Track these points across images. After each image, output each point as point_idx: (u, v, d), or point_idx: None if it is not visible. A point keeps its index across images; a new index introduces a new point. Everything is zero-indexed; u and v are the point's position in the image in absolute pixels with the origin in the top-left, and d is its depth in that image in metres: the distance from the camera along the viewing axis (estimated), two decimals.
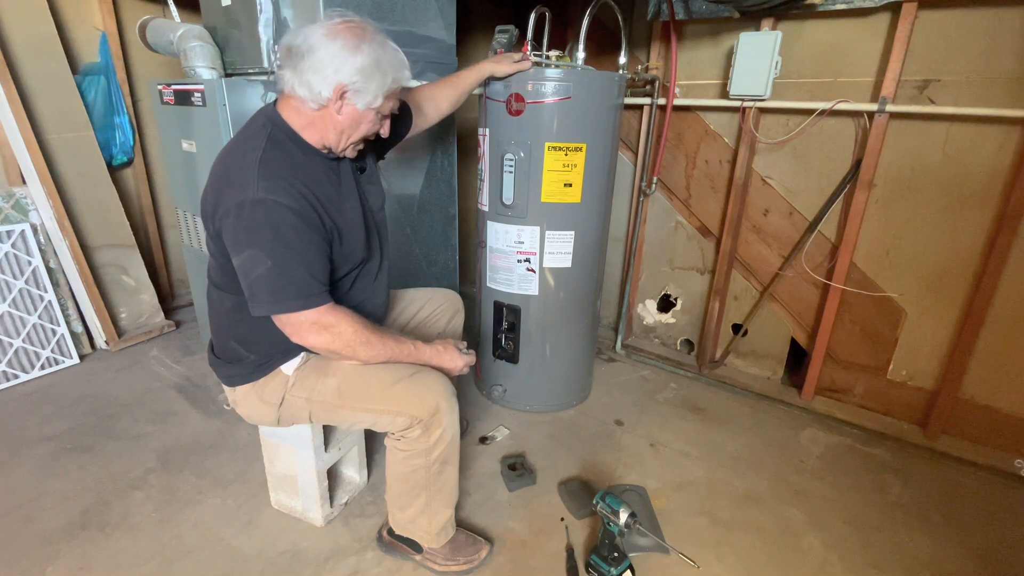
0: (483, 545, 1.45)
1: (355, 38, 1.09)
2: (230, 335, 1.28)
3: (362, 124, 1.17)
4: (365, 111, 1.14)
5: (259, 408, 1.32)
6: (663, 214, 2.54)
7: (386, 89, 1.14)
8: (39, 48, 2.27)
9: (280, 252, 1.06)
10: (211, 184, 1.15)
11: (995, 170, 1.77)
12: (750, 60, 1.98)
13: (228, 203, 1.07)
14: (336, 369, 1.28)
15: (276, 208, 1.06)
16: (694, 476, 1.81)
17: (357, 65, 1.08)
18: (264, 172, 1.07)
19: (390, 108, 1.20)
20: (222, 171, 1.14)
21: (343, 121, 1.15)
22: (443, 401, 1.26)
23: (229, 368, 1.31)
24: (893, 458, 1.94)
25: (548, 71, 1.73)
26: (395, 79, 1.15)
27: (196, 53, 1.92)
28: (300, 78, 1.09)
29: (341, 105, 1.12)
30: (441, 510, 1.38)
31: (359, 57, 1.08)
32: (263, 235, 1.05)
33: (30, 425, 1.95)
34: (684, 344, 2.66)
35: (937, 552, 1.53)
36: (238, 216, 1.06)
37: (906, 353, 2.06)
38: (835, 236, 2.10)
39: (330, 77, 1.08)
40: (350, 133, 1.17)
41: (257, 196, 1.05)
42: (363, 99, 1.12)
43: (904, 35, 1.77)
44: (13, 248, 2.19)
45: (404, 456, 1.31)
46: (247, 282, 1.09)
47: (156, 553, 1.44)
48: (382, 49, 1.12)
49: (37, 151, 2.23)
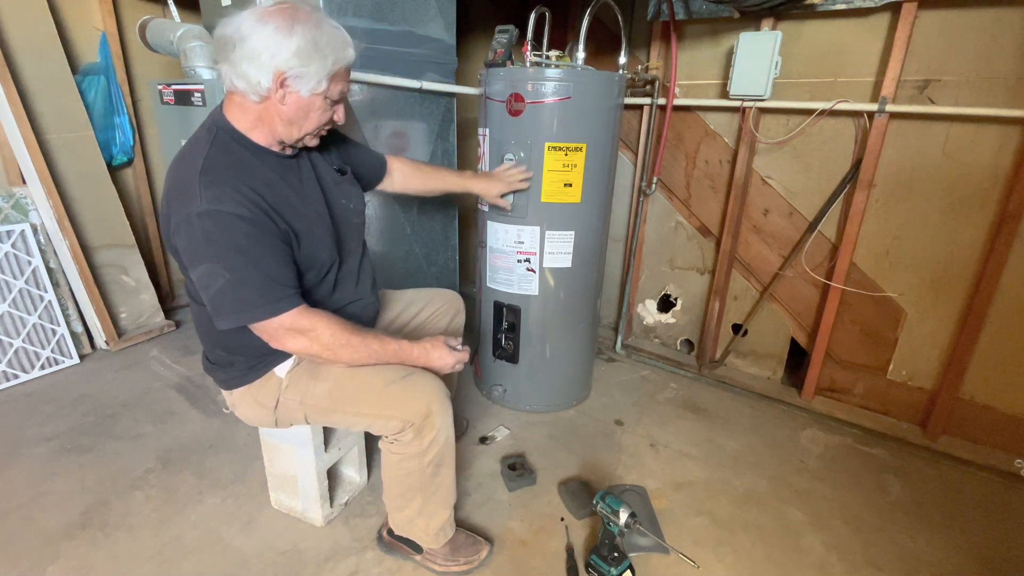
0: (483, 545, 1.45)
1: (287, 20, 1.02)
2: (216, 344, 1.28)
3: (311, 112, 1.10)
4: (311, 97, 1.08)
5: (256, 410, 1.33)
6: (663, 214, 2.54)
7: (328, 70, 1.06)
8: (39, 48, 2.27)
9: (235, 261, 1.02)
10: (163, 198, 1.11)
11: (995, 170, 1.77)
12: (750, 60, 1.98)
13: (177, 218, 1.03)
14: (328, 373, 1.27)
15: (224, 218, 1.01)
16: (694, 476, 1.81)
17: (293, 48, 1.01)
18: (206, 181, 1.02)
19: (339, 92, 1.12)
20: (169, 184, 1.09)
21: (288, 111, 1.08)
22: (435, 404, 1.24)
23: (223, 372, 1.31)
24: (893, 458, 1.94)
25: (548, 71, 1.73)
26: (337, 59, 1.07)
27: (196, 53, 1.92)
28: (236, 69, 1.03)
29: (284, 94, 1.06)
30: (438, 511, 1.38)
31: (294, 39, 1.01)
32: (215, 247, 1.01)
33: (30, 425, 1.95)
34: (684, 344, 2.66)
35: (937, 552, 1.53)
36: (188, 230, 1.01)
37: (906, 353, 2.06)
38: (835, 236, 2.10)
39: (267, 64, 1.01)
40: (300, 123, 1.11)
41: (202, 208, 1.00)
42: (306, 84, 1.05)
43: (904, 35, 1.77)
44: (13, 248, 2.19)
45: (398, 459, 1.31)
46: (208, 296, 1.05)
47: (156, 553, 1.44)
48: (318, 29, 1.04)
49: (37, 151, 2.23)
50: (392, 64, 1.95)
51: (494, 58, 1.83)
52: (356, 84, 1.86)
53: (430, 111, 2.15)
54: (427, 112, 2.14)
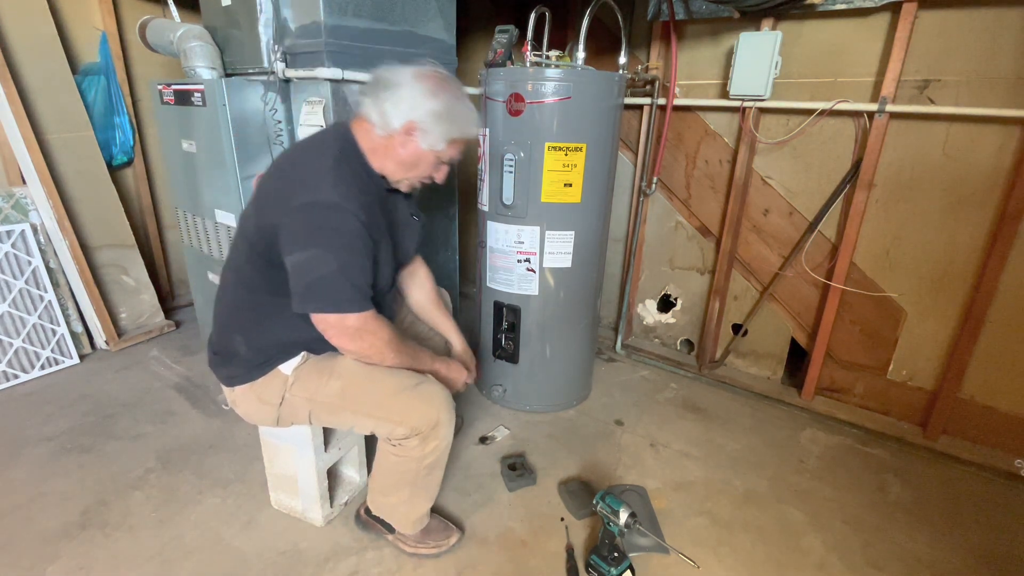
0: (454, 531, 1.49)
1: (436, 85, 1.20)
2: (235, 328, 1.29)
3: (421, 163, 1.25)
4: (427, 151, 1.23)
5: (258, 408, 1.33)
6: (663, 214, 2.54)
7: (450, 136, 1.23)
8: (39, 48, 2.27)
9: (345, 257, 1.12)
10: (274, 179, 1.21)
11: (995, 170, 1.77)
12: (750, 60, 1.98)
13: (296, 201, 1.11)
14: (342, 371, 1.29)
15: (347, 216, 1.12)
16: (694, 476, 1.81)
17: (430, 108, 1.18)
18: (337, 178, 1.14)
19: (450, 156, 1.28)
20: (290, 169, 1.21)
21: (404, 155, 1.23)
22: (443, 414, 1.28)
23: (228, 368, 1.32)
24: (893, 458, 1.94)
25: (548, 71, 1.73)
26: (461, 130, 1.24)
27: (196, 53, 1.92)
28: (378, 106, 1.19)
29: (406, 139, 1.21)
30: (421, 504, 1.43)
31: (435, 102, 1.18)
32: (332, 238, 1.11)
33: (30, 425, 1.95)
34: (684, 344, 2.66)
35: (937, 552, 1.53)
36: (307, 215, 1.11)
37: (906, 353, 2.06)
38: (835, 236, 2.10)
39: (404, 112, 1.18)
40: (409, 169, 1.26)
41: (330, 199, 1.11)
42: (427, 139, 1.21)
43: (904, 35, 1.77)
44: (13, 248, 2.19)
45: (397, 460, 1.34)
46: (304, 279, 1.12)
47: (156, 553, 1.44)
48: (457, 101, 1.22)
49: (37, 151, 2.23)
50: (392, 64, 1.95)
51: (494, 58, 1.84)
52: (356, 84, 1.86)
53: None
54: None
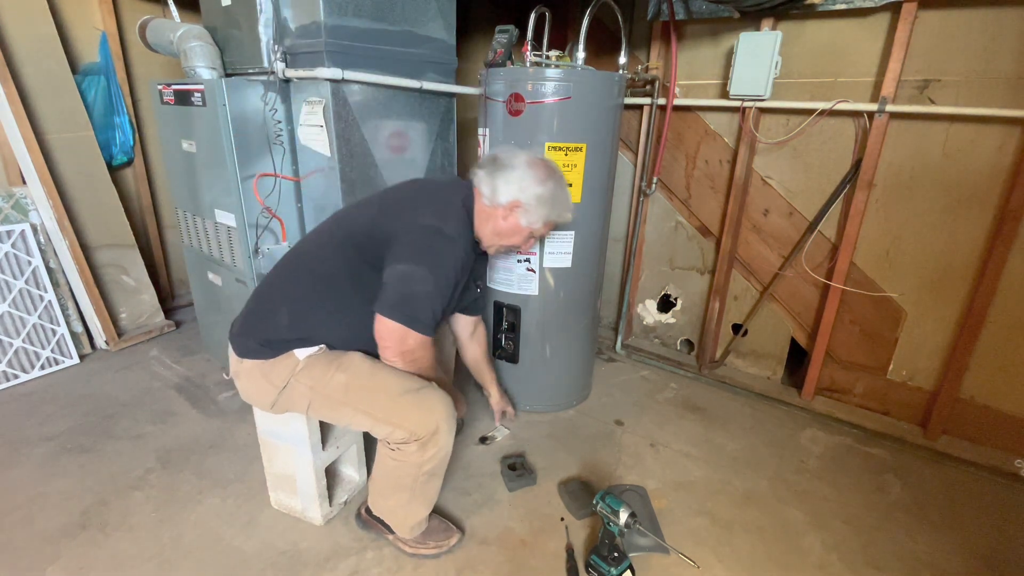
0: (454, 532, 1.49)
1: (546, 174, 1.37)
2: (286, 304, 1.32)
3: (515, 236, 1.41)
4: (524, 227, 1.39)
5: (260, 386, 1.32)
6: (663, 214, 2.54)
7: (547, 219, 1.40)
8: (39, 48, 2.27)
9: (442, 285, 1.26)
10: (406, 196, 1.35)
11: (995, 170, 1.77)
12: (750, 60, 1.98)
13: (423, 222, 1.26)
14: (348, 365, 1.30)
15: (458, 252, 1.29)
16: (694, 476, 1.81)
17: (538, 193, 1.35)
18: (463, 220, 1.34)
19: (541, 234, 1.46)
20: (426, 192, 1.38)
21: (504, 226, 1.38)
22: (443, 422, 1.30)
23: (248, 339, 1.31)
24: (893, 458, 1.94)
25: (548, 71, 1.73)
26: (558, 216, 1.41)
27: (196, 53, 1.92)
28: (491, 181, 1.35)
29: (509, 214, 1.36)
30: (419, 510, 1.42)
31: (542, 188, 1.35)
32: (440, 266, 1.26)
33: (30, 425, 1.95)
34: (684, 344, 2.66)
35: (937, 552, 1.53)
36: (428, 237, 1.26)
37: (906, 353, 2.06)
38: (835, 236, 2.10)
39: (513, 191, 1.34)
40: (503, 239, 1.41)
41: (452, 232, 1.29)
42: (527, 218, 1.37)
43: (904, 35, 1.77)
44: (13, 248, 2.19)
45: (395, 464, 1.34)
46: (400, 288, 1.23)
47: (156, 553, 1.44)
48: (560, 190, 1.39)
49: (37, 151, 2.23)
50: (392, 64, 1.95)
51: (494, 58, 1.83)
52: (356, 84, 1.86)
53: (430, 111, 2.15)
54: (427, 112, 2.13)
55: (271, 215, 1.99)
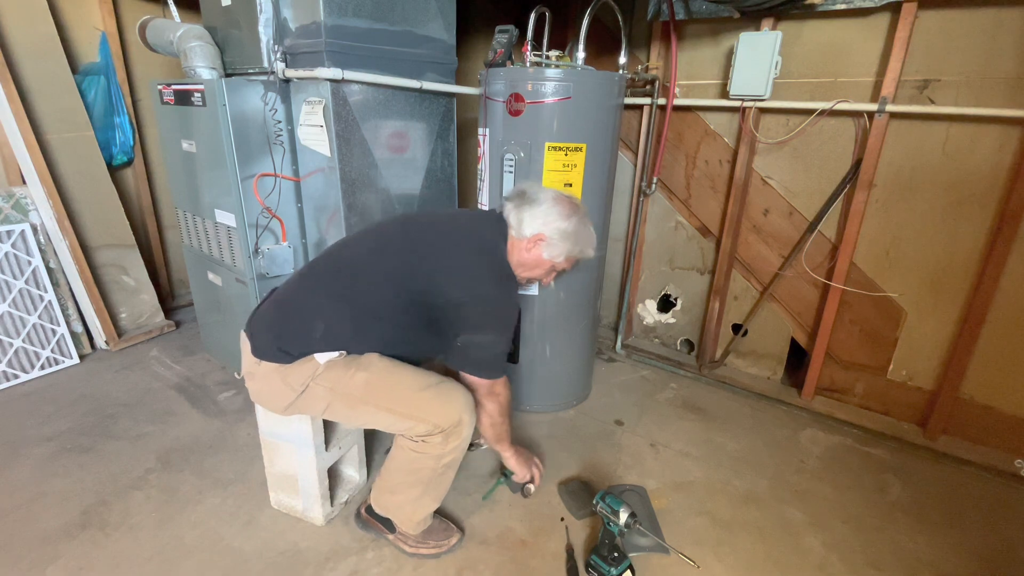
0: (454, 532, 1.49)
1: (571, 210, 1.39)
2: (322, 319, 1.30)
3: (537, 268, 1.41)
4: (547, 260, 1.40)
5: (277, 389, 1.30)
6: (663, 214, 2.54)
7: (569, 253, 1.40)
8: (39, 48, 2.27)
9: (507, 339, 1.37)
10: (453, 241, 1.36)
11: (995, 170, 1.77)
12: (750, 60, 1.98)
13: (484, 290, 1.31)
14: (368, 364, 1.31)
15: (514, 308, 1.42)
16: (694, 476, 1.81)
17: (561, 227, 1.36)
18: (509, 278, 1.38)
19: (563, 268, 1.45)
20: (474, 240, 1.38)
21: (527, 258, 1.39)
22: (466, 414, 1.34)
23: (272, 344, 1.29)
24: (893, 458, 1.94)
25: (548, 71, 1.73)
26: (581, 251, 1.43)
27: (196, 53, 1.92)
28: (518, 214, 1.38)
29: (532, 246, 1.38)
30: (429, 505, 1.44)
31: (566, 223, 1.37)
32: (505, 326, 1.36)
33: (30, 425, 1.95)
34: (684, 344, 2.66)
35: (937, 552, 1.53)
36: (496, 307, 1.34)
37: (906, 353, 2.06)
38: (835, 236, 2.10)
39: (538, 225, 1.36)
40: (527, 270, 1.42)
41: (509, 298, 1.38)
42: (550, 251, 1.38)
43: (904, 35, 1.77)
44: (13, 248, 2.19)
45: (415, 456, 1.35)
46: (477, 354, 1.33)
47: (156, 553, 1.44)
48: (583, 227, 1.40)
49: (37, 151, 2.23)
50: (392, 64, 1.95)
51: (494, 58, 1.83)
52: (356, 84, 1.86)
53: (430, 111, 2.15)
54: (427, 112, 2.13)
55: (271, 215, 1.99)
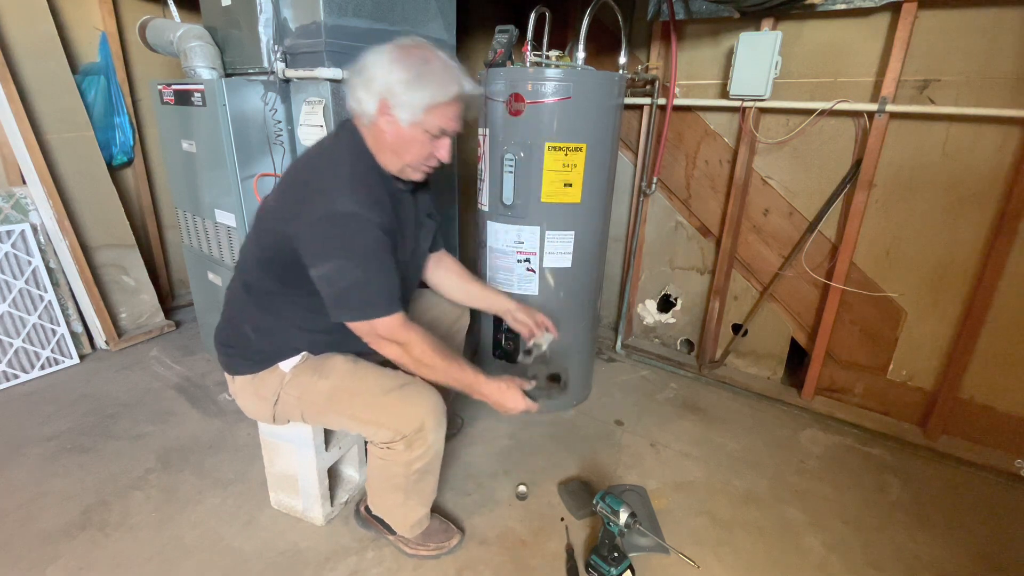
0: (455, 533, 1.48)
1: (403, 54, 1.10)
2: (247, 322, 1.29)
3: (410, 144, 1.15)
4: (410, 128, 1.13)
5: (256, 403, 1.34)
6: (663, 214, 2.54)
7: (426, 104, 1.11)
8: (39, 48, 2.27)
9: (369, 264, 1.10)
10: (288, 187, 1.17)
11: (995, 170, 1.77)
12: (750, 60, 1.98)
13: (315, 213, 1.08)
14: (331, 371, 1.28)
15: (366, 223, 1.09)
16: (694, 476, 1.81)
17: (398, 77, 1.09)
18: (354, 185, 1.11)
19: (439, 127, 1.15)
20: (305, 178, 1.16)
21: (390, 137, 1.15)
22: (429, 419, 1.25)
23: (232, 357, 1.32)
24: (893, 458, 1.94)
25: (548, 71, 1.73)
26: (438, 93, 1.11)
27: (196, 53, 1.92)
28: (352, 93, 1.13)
29: (385, 121, 1.13)
30: (417, 509, 1.41)
31: (400, 70, 1.09)
32: (352, 247, 1.09)
33: (30, 425, 1.95)
34: (684, 344, 2.66)
35: (937, 552, 1.53)
36: (328, 226, 1.08)
37: (906, 353, 2.06)
38: (835, 236, 2.10)
39: (375, 91, 1.10)
40: (401, 153, 1.16)
41: (348, 209, 1.08)
42: (404, 114, 1.11)
43: (904, 35, 1.77)
44: (13, 248, 2.19)
45: (383, 463, 1.33)
46: (333, 290, 1.12)
47: (156, 553, 1.44)
48: (425, 64, 1.10)
49: (37, 151, 2.23)
50: None
51: (494, 58, 1.83)
52: None
53: None
54: None
55: None
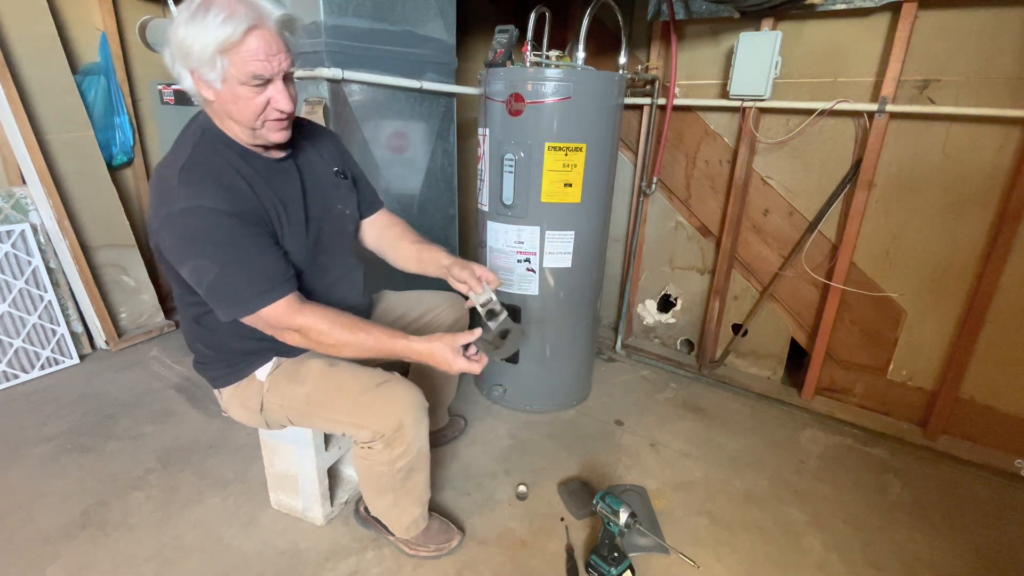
0: (455, 534, 1.47)
1: (186, 11, 0.97)
2: (197, 339, 1.29)
3: (237, 103, 1.02)
4: (225, 86, 1.00)
5: (245, 413, 1.34)
6: (663, 214, 2.54)
7: (225, 43, 0.95)
8: (39, 48, 2.27)
9: (223, 255, 1.02)
10: (150, 196, 1.10)
11: (995, 170, 1.77)
12: (750, 60, 1.98)
13: (159, 218, 1.02)
14: (306, 376, 1.27)
15: (206, 213, 1.00)
16: (694, 476, 1.81)
17: (183, 34, 0.96)
18: (186, 179, 1.02)
19: (248, 72, 0.99)
20: (155, 182, 1.09)
21: (218, 107, 1.05)
22: (407, 416, 1.22)
23: (208, 370, 1.33)
24: (893, 458, 1.94)
25: (548, 71, 1.73)
26: (220, 35, 0.94)
27: None
28: (173, 69, 1.03)
29: (203, 85, 1.02)
30: (410, 509, 1.39)
31: (181, 27, 0.96)
32: (200, 243, 1.02)
33: (30, 425, 1.95)
34: (684, 344, 2.66)
35: (937, 552, 1.53)
36: (170, 228, 1.02)
37: (906, 353, 2.06)
38: (835, 236, 2.10)
39: (180, 57, 1.00)
40: (236, 117, 1.04)
41: (184, 205, 1.00)
42: (209, 72, 0.98)
43: (904, 35, 1.77)
44: (13, 248, 2.19)
45: (368, 463, 1.31)
46: (202, 291, 1.06)
47: (156, 553, 1.44)
48: (200, 9, 0.95)
49: (37, 151, 2.23)
50: (392, 64, 1.95)
51: (494, 58, 1.83)
52: (356, 84, 1.86)
53: (430, 111, 2.15)
54: (427, 112, 2.14)
55: None
